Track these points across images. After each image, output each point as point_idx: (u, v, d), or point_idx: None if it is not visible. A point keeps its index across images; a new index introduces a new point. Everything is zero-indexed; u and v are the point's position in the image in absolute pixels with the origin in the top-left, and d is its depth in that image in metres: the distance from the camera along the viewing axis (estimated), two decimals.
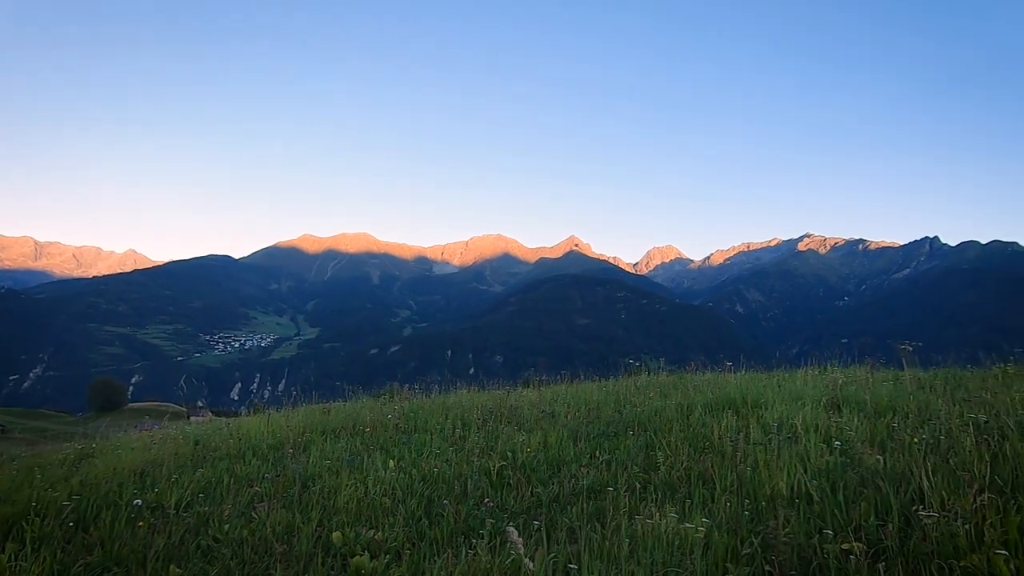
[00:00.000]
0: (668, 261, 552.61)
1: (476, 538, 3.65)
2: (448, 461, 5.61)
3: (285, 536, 4.05)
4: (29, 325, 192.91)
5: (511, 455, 5.60)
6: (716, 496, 4.07)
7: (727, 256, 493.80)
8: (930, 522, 2.99)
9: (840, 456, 4.46)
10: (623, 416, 6.97)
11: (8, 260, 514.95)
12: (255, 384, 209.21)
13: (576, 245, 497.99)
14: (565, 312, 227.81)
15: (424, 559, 3.53)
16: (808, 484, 3.90)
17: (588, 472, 4.99)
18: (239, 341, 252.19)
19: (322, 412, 9.18)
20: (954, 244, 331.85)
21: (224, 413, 36.71)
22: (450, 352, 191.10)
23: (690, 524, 3.41)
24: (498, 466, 5.28)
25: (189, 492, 5.23)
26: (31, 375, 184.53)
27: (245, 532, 4.14)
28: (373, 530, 4.01)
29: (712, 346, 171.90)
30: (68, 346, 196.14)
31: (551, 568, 3.21)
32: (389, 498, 4.71)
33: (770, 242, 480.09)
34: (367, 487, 4.95)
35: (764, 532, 3.24)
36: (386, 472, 5.37)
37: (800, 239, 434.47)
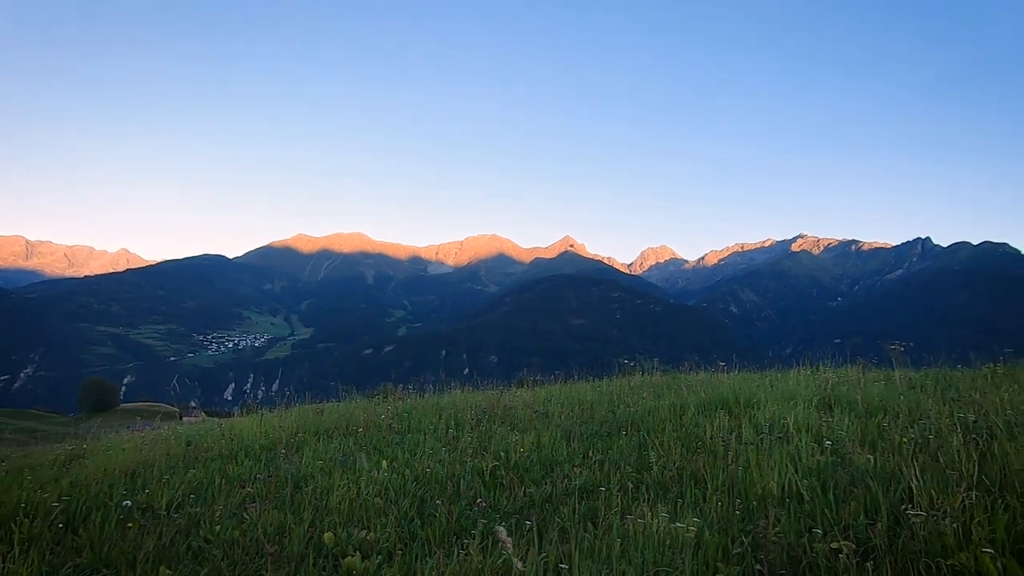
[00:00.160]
0: (663, 261, 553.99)
1: (468, 538, 3.65)
2: (441, 461, 5.61)
3: (277, 537, 4.03)
4: (20, 325, 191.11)
5: (504, 455, 5.60)
6: (708, 496, 4.09)
7: (721, 256, 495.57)
8: (918, 521, 3.02)
9: (831, 456, 4.49)
10: (617, 416, 6.99)
11: None
12: (249, 384, 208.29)
13: (571, 245, 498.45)
14: (560, 312, 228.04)
15: (416, 559, 3.52)
16: (799, 483, 3.92)
17: (581, 472, 4.99)
18: (233, 341, 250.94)
19: (315, 412, 9.14)
20: (946, 245, 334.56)
21: (217, 413, 36.52)
22: (444, 352, 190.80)
23: (681, 524, 3.42)
24: (491, 466, 5.27)
25: (180, 493, 5.19)
26: (22, 375, 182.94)
27: (236, 533, 4.12)
28: (365, 531, 4.00)
29: (706, 346, 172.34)
30: (60, 346, 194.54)
31: (542, 568, 3.21)
32: (382, 498, 4.70)
33: (764, 243, 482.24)
34: (360, 487, 4.94)
35: (754, 531, 3.26)
36: (379, 472, 5.36)
37: (794, 240, 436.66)
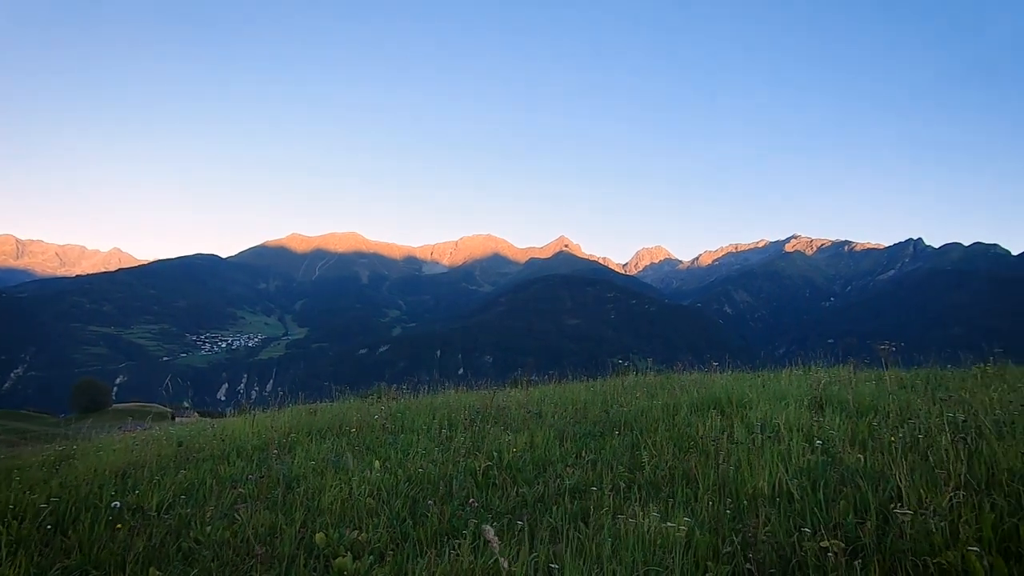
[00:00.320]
0: (657, 262, 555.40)
1: (460, 538, 3.64)
2: (434, 461, 5.60)
3: (268, 538, 4.02)
4: (11, 324, 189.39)
5: (497, 455, 5.60)
6: (699, 495, 4.11)
7: (715, 257, 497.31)
8: (906, 520, 3.04)
9: (821, 455, 4.52)
10: (610, 416, 7.00)
11: None
12: (242, 384, 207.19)
13: (566, 245, 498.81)
14: (555, 312, 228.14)
15: (407, 560, 3.51)
16: (789, 483, 3.94)
17: (573, 472, 5.00)
18: (226, 341, 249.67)
19: (308, 413, 9.12)
20: (937, 246, 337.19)
21: (210, 414, 36.34)
22: (439, 352, 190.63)
23: (672, 523, 3.43)
24: (484, 466, 5.27)
25: (171, 494, 5.17)
26: (12, 375, 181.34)
27: (227, 534, 4.10)
28: (357, 531, 3.99)
29: (700, 346, 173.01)
30: (51, 346, 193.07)
31: (532, 568, 3.21)
32: (374, 499, 4.69)
33: (758, 243, 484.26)
34: (352, 488, 4.93)
35: (745, 531, 3.28)
36: (371, 472, 5.34)
37: (787, 240, 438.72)
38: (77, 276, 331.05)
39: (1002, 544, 2.91)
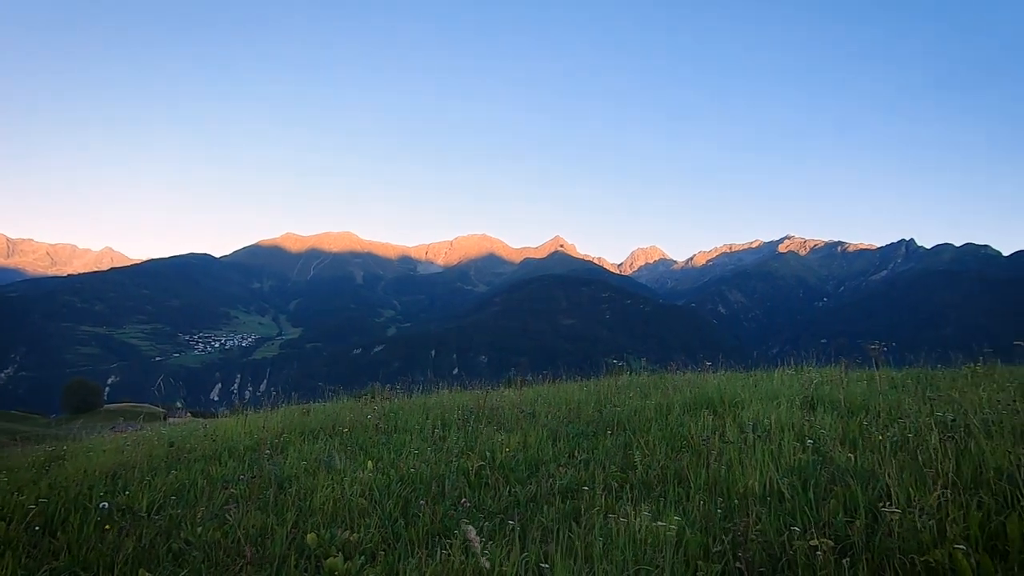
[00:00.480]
0: (652, 262, 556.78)
1: (451, 538, 3.64)
2: (427, 461, 5.59)
3: (259, 539, 4.00)
4: (1, 324, 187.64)
5: (490, 455, 5.60)
6: (691, 495, 4.12)
7: (710, 257, 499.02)
8: (895, 518, 3.06)
9: (812, 454, 4.55)
10: (603, 416, 7.01)
11: None
12: (236, 385, 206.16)
13: (561, 245, 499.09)
14: (550, 312, 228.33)
15: (398, 560, 3.51)
16: (780, 482, 3.96)
17: (566, 472, 5.01)
18: (219, 341, 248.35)
19: (301, 413, 9.09)
20: (929, 247, 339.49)
21: (203, 414, 36.10)
22: (434, 352, 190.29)
23: (663, 522, 3.44)
24: (476, 466, 5.27)
25: (161, 495, 5.13)
26: (2, 375, 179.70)
27: (218, 535, 4.07)
28: (348, 531, 3.98)
29: (694, 346, 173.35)
30: (42, 346, 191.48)
31: (523, 568, 3.21)
32: (366, 499, 4.68)
33: (752, 244, 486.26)
34: (344, 488, 4.91)
35: (735, 529, 3.29)
36: (364, 473, 5.33)
37: (781, 241, 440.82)
38: (68, 275, 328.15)
39: (989, 542, 2.94)
